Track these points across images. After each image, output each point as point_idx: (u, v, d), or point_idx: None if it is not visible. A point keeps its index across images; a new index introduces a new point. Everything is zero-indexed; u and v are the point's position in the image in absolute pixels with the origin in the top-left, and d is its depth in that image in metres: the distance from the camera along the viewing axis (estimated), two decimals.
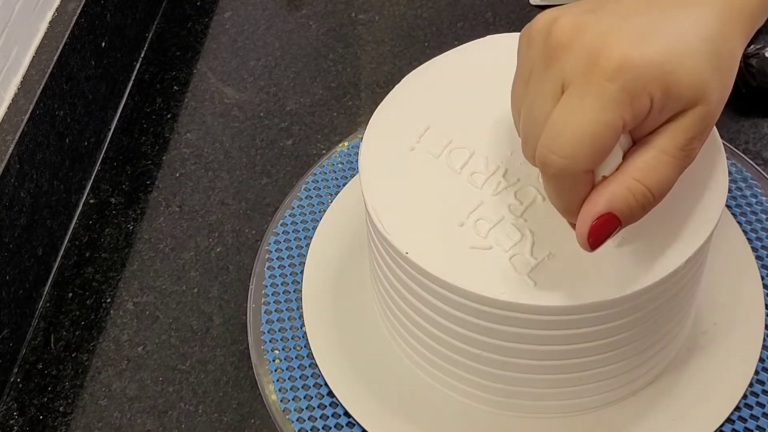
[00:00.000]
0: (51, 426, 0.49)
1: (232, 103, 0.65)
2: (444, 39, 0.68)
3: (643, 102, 0.33)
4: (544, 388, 0.42)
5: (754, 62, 0.58)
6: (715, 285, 0.48)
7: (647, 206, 0.35)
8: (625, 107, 0.33)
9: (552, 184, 0.36)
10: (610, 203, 0.35)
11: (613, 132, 0.33)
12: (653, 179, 0.35)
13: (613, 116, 0.33)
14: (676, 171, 0.35)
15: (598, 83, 0.33)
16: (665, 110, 0.34)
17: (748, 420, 0.44)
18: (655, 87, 0.33)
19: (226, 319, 0.53)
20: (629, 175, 0.35)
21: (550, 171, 0.34)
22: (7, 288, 0.51)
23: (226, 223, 0.58)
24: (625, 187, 0.35)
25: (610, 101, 0.33)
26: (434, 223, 0.40)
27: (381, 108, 0.46)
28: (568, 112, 0.34)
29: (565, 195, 0.36)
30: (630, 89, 0.33)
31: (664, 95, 0.33)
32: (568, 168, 0.34)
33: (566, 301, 0.37)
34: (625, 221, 0.35)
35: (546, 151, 0.34)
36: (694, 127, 0.34)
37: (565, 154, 0.34)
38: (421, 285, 0.40)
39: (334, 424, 0.45)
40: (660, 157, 0.35)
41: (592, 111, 0.33)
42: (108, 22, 0.65)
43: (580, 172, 0.34)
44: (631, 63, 0.33)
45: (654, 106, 0.34)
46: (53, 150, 0.57)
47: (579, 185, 0.35)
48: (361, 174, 0.43)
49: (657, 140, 0.35)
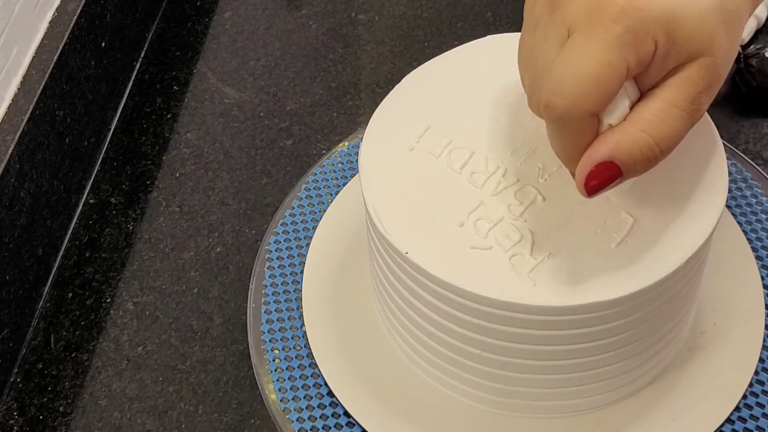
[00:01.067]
0: (51, 426, 0.49)
1: (232, 103, 0.65)
2: (444, 39, 0.68)
3: (647, 45, 0.33)
4: (543, 388, 0.42)
5: (754, 62, 0.58)
6: (715, 285, 0.48)
7: (652, 159, 0.35)
8: (629, 50, 0.33)
9: (556, 129, 0.35)
10: (613, 151, 0.34)
11: (618, 74, 0.33)
12: (660, 131, 0.34)
13: (617, 58, 0.33)
14: (684, 125, 0.35)
15: (603, 25, 0.33)
16: (670, 57, 0.34)
17: (748, 420, 0.44)
18: (660, 31, 0.33)
19: (226, 319, 0.53)
20: (636, 125, 0.34)
21: (554, 114, 0.34)
22: (7, 288, 0.51)
23: (226, 223, 0.58)
24: (631, 137, 0.34)
25: (614, 43, 0.33)
26: (434, 223, 0.40)
27: (381, 108, 0.46)
28: (572, 55, 0.33)
29: (568, 141, 0.35)
30: (634, 31, 0.33)
31: (668, 40, 0.33)
32: (572, 110, 0.34)
33: (566, 301, 0.37)
34: (626, 172, 0.35)
35: (550, 94, 0.34)
36: (702, 80, 0.34)
37: (569, 96, 0.33)
38: (421, 285, 0.40)
39: (334, 424, 0.45)
40: (668, 108, 0.34)
41: (596, 52, 0.33)
42: (108, 22, 0.65)
43: (584, 114, 0.34)
44: (635, 5, 0.33)
45: (658, 50, 0.33)
46: (53, 150, 0.57)
47: (583, 130, 0.35)
48: (361, 174, 0.43)
49: (664, 92, 0.34)
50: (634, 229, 0.39)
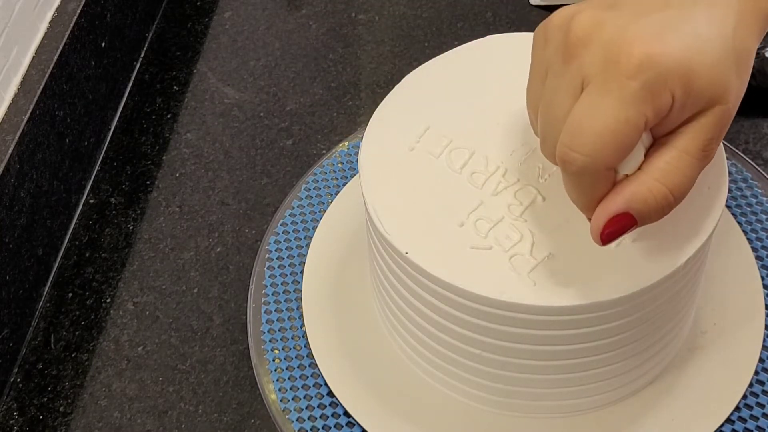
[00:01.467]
0: (51, 426, 0.49)
1: (232, 103, 0.65)
2: (444, 39, 0.68)
3: (664, 99, 0.33)
4: (544, 388, 0.42)
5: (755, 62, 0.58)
6: (715, 285, 0.48)
7: (666, 207, 0.35)
8: (646, 105, 0.33)
9: (573, 182, 0.36)
10: (629, 203, 0.35)
11: (635, 130, 0.33)
12: (674, 180, 0.34)
13: (635, 114, 0.33)
14: (696, 171, 0.35)
15: (620, 80, 0.33)
16: (686, 108, 0.34)
17: (748, 420, 0.44)
18: (677, 84, 0.33)
19: (226, 319, 0.53)
20: (650, 175, 0.34)
21: (572, 169, 0.34)
22: (7, 288, 0.51)
23: (226, 223, 0.58)
24: (646, 187, 0.34)
25: (631, 99, 0.33)
26: (434, 223, 0.40)
27: (381, 108, 0.46)
28: (589, 109, 0.33)
29: (585, 192, 0.36)
30: (651, 86, 0.33)
31: (685, 92, 0.33)
32: (590, 166, 0.34)
33: (566, 301, 0.37)
34: (641, 221, 0.35)
35: (567, 149, 0.34)
36: (714, 127, 0.34)
37: (587, 152, 0.33)
38: (421, 285, 0.40)
39: (334, 424, 0.45)
40: (681, 157, 0.34)
41: (613, 108, 0.33)
42: (108, 22, 0.65)
43: (602, 169, 0.34)
44: (652, 60, 0.32)
45: (675, 103, 0.33)
46: (53, 150, 0.57)
47: (600, 183, 0.35)
48: (361, 174, 0.43)
49: (678, 140, 0.35)
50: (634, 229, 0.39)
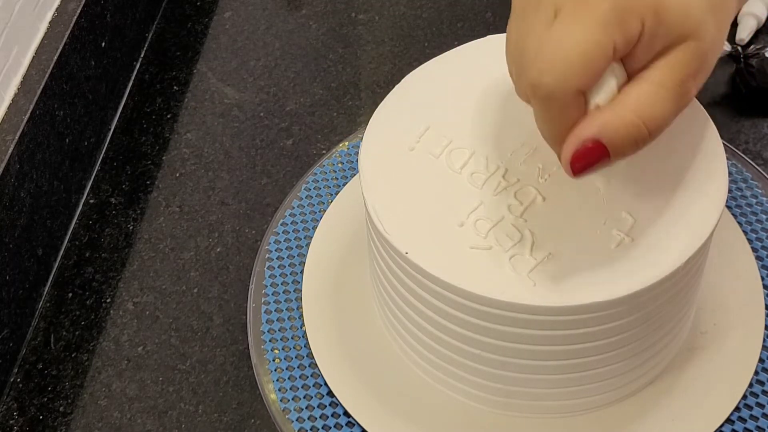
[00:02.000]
0: (51, 426, 0.49)
1: (232, 103, 0.65)
2: (444, 39, 0.68)
3: (634, 25, 0.33)
4: (543, 388, 0.42)
5: (754, 62, 0.58)
6: (715, 285, 0.48)
7: (640, 140, 0.34)
8: (615, 28, 0.33)
9: (543, 109, 0.35)
10: (601, 131, 0.34)
11: (605, 51, 0.33)
12: (649, 112, 0.34)
13: (603, 36, 0.33)
14: (673, 107, 0.35)
15: (589, 4, 0.33)
16: (657, 38, 0.34)
17: (748, 420, 0.44)
18: (647, 10, 0.33)
19: (226, 319, 0.53)
20: (624, 106, 0.34)
21: (541, 92, 0.34)
22: (7, 288, 0.51)
23: (226, 223, 0.58)
24: (620, 117, 0.34)
25: (601, 21, 0.33)
26: (434, 223, 0.40)
27: (381, 108, 0.46)
28: (559, 33, 0.34)
29: (555, 120, 0.35)
30: (621, 10, 0.33)
31: (655, 20, 0.33)
32: (559, 88, 0.34)
33: (566, 301, 0.37)
34: (614, 153, 0.34)
35: (537, 73, 0.34)
36: (690, 63, 0.34)
37: (555, 74, 0.33)
38: (421, 285, 0.40)
39: (334, 424, 0.45)
40: (657, 90, 0.34)
41: (582, 30, 0.33)
42: (108, 22, 0.65)
43: (572, 92, 0.34)
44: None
45: (645, 30, 0.34)
46: (53, 150, 0.57)
47: (570, 109, 0.34)
48: (361, 174, 0.43)
49: (652, 74, 0.34)
50: (634, 229, 0.39)
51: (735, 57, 0.59)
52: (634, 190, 0.40)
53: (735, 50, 0.59)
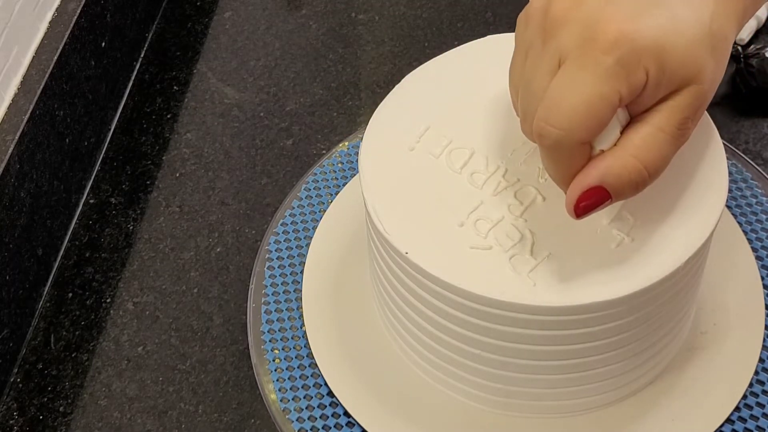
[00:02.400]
0: (51, 426, 0.49)
1: (232, 103, 0.65)
2: (444, 39, 0.68)
3: (638, 76, 0.34)
4: (543, 388, 0.42)
5: (754, 62, 0.58)
6: (715, 285, 0.48)
7: (640, 183, 0.35)
8: (621, 80, 0.33)
9: (548, 156, 0.36)
10: (603, 177, 0.35)
11: (609, 105, 0.34)
12: (649, 156, 0.35)
13: (609, 89, 0.33)
14: (671, 149, 0.36)
15: (595, 56, 0.33)
16: (661, 87, 0.35)
17: (748, 420, 0.44)
18: (651, 61, 0.34)
19: (226, 319, 0.53)
20: (626, 151, 0.35)
21: (547, 142, 0.35)
22: (7, 288, 0.51)
23: (226, 223, 0.58)
24: (621, 162, 0.35)
25: (606, 74, 0.33)
26: (434, 223, 0.40)
27: (381, 108, 0.46)
28: (564, 84, 0.34)
29: (561, 166, 0.36)
30: (626, 62, 0.33)
31: (659, 70, 0.34)
32: (564, 139, 0.34)
33: (566, 301, 0.37)
34: (615, 195, 0.36)
35: (543, 123, 0.35)
36: (690, 106, 0.35)
37: (561, 126, 0.34)
38: (421, 285, 0.40)
39: (334, 424, 0.45)
40: (656, 134, 0.35)
41: (588, 83, 0.34)
42: (108, 22, 0.65)
43: (576, 143, 0.35)
44: (627, 37, 0.33)
45: (650, 81, 0.34)
46: (53, 150, 0.57)
47: (575, 157, 0.36)
48: (361, 174, 0.43)
49: (653, 118, 0.35)
50: (634, 229, 0.39)
51: (735, 57, 0.59)
52: None
53: (735, 50, 0.59)
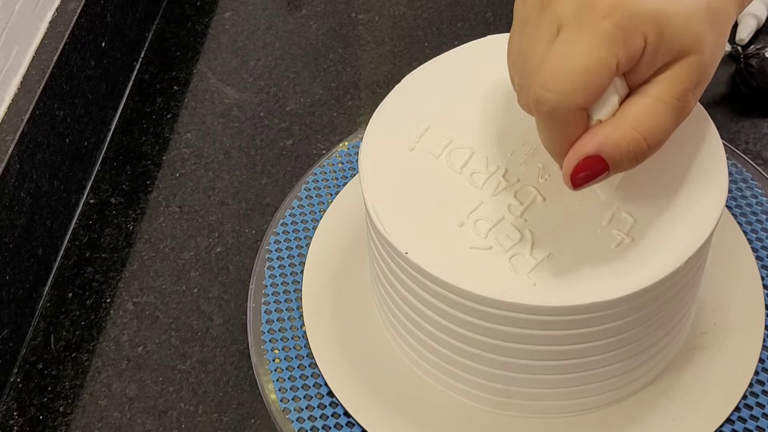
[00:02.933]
0: (51, 426, 0.49)
1: (232, 103, 0.65)
2: (444, 39, 0.68)
3: (636, 41, 0.33)
4: (543, 388, 0.42)
5: (754, 62, 0.58)
6: (715, 285, 0.48)
7: (639, 155, 0.35)
8: (618, 45, 0.33)
9: (545, 124, 0.35)
10: (601, 146, 0.35)
11: (607, 69, 0.33)
12: (648, 127, 0.34)
13: (606, 53, 0.33)
14: (672, 121, 0.35)
15: (593, 21, 0.33)
16: (659, 54, 0.34)
17: (748, 420, 0.44)
18: (649, 27, 0.33)
19: (226, 319, 0.53)
20: (624, 121, 0.35)
21: (544, 108, 0.34)
22: (7, 288, 0.51)
23: (226, 223, 0.58)
24: (619, 132, 0.34)
25: (604, 38, 0.33)
26: (434, 223, 0.40)
27: (381, 108, 0.46)
28: (562, 50, 0.34)
29: (557, 135, 0.36)
30: (624, 27, 0.33)
31: (657, 36, 0.34)
32: (561, 104, 0.34)
33: (566, 301, 0.37)
34: (613, 166, 0.35)
35: (539, 89, 0.34)
36: (689, 77, 0.35)
37: (558, 91, 0.34)
38: (421, 285, 0.40)
39: (334, 424, 0.45)
40: (656, 105, 0.35)
41: (585, 48, 0.33)
42: (108, 22, 0.65)
43: (573, 109, 0.34)
44: (625, 2, 0.33)
45: (648, 47, 0.34)
46: (53, 150, 0.57)
47: (572, 125, 0.35)
48: (361, 174, 0.43)
49: (653, 88, 0.35)
50: (634, 229, 0.39)
51: (735, 57, 0.59)
52: (634, 190, 0.40)
53: (735, 50, 0.59)
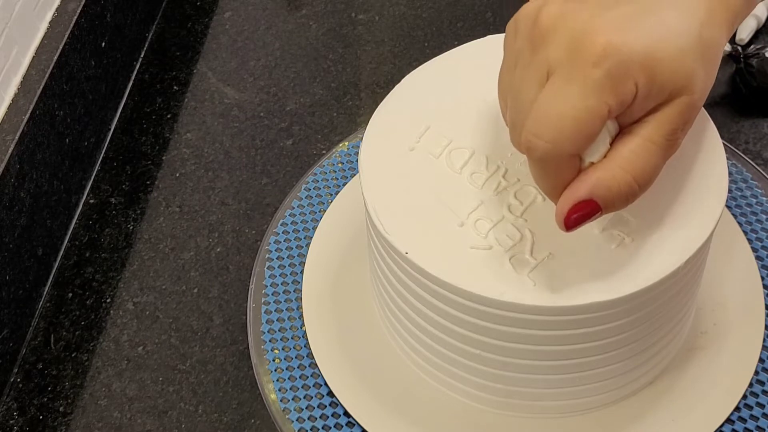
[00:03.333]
0: (51, 426, 0.49)
1: (232, 103, 0.65)
2: (444, 39, 0.68)
3: (627, 88, 0.33)
4: (543, 388, 0.42)
5: (754, 62, 0.58)
6: (715, 285, 0.48)
7: (630, 195, 0.35)
8: (609, 93, 0.33)
9: (538, 168, 0.36)
10: (593, 189, 0.35)
11: (598, 117, 0.34)
12: (639, 168, 0.35)
13: (597, 102, 0.33)
14: (661, 160, 0.35)
15: (583, 69, 0.33)
16: (650, 98, 0.34)
17: (748, 420, 0.44)
18: (640, 73, 0.33)
19: (226, 319, 0.53)
20: (615, 163, 0.35)
21: (535, 155, 0.35)
22: (7, 288, 0.51)
23: (226, 223, 0.58)
24: (611, 174, 0.35)
25: (594, 87, 0.33)
26: (434, 223, 0.40)
27: (381, 108, 0.46)
28: (552, 97, 0.34)
29: (550, 178, 0.36)
30: (614, 75, 0.33)
31: (648, 82, 0.34)
32: (552, 152, 0.34)
33: (566, 301, 0.37)
34: (606, 208, 0.35)
35: (531, 136, 0.34)
36: (679, 117, 0.35)
37: (550, 139, 0.34)
38: (421, 285, 0.40)
39: (334, 424, 0.45)
40: (646, 145, 0.35)
41: (576, 96, 0.33)
42: (108, 22, 0.65)
43: (565, 156, 0.35)
44: (615, 48, 0.33)
45: (639, 92, 0.34)
46: (53, 150, 0.57)
47: (564, 169, 0.35)
48: (361, 174, 0.43)
49: (643, 129, 0.35)
50: (634, 229, 0.39)
51: (735, 57, 0.59)
52: None
53: (735, 50, 0.59)
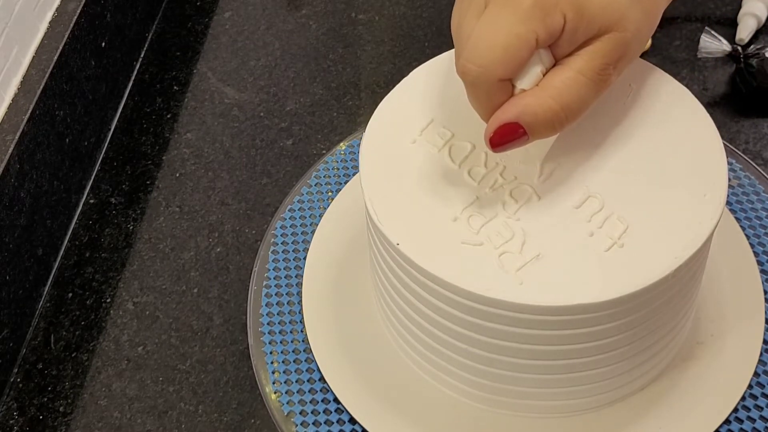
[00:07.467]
0: (51, 426, 0.49)
1: (232, 103, 0.65)
2: (444, 39, 0.68)
3: (556, 19, 0.36)
4: (530, 387, 0.42)
5: (754, 62, 0.58)
6: (715, 286, 0.48)
7: (556, 123, 0.37)
8: (537, 22, 0.36)
9: (472, 92, 0.38)
10: (520, 114, 0.37)
11: (526, 45, 0.36)
12: (566, 98, 0.37)
13: (525, 30, 0.36)
14: (590, 93, 0.37)
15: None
16: (580, 32, 0.37)
17: (745, 421, 0.44)
18: (568, 6, 0.36)
19: (226, 319, 0.53)
20: (545, 91, 0.37)
21: (468, 79, 0.37)
22: (7, 288, 0.51)
23: (226, 223, 0.58)
24: (538, 102, 0.37)
25: (523, 15, 0.36)
26: (428, 216, 0.40)
27: (381, 108, 0.46)
28: (486, 25, 0.37)
29: (482, 101, 0.38)
30: (543, 5, 0.36)
31: (576, 15, 0.36)
32: (483, 76, 0.37)
33: (550, 300, 0.37)
34: (531, 133, 0.38)
35: (464, 61, 0.37)
36: (610, 52, 0.37)
37: (481, 64, 0.36)
38: (411, 277, 0.40)
39: (336, 420, 0.45)
40: (575, 77, 0.37)
41: (506, 24, 0.36)
42: (108, 22, 0.65)
43: (494, 80, 0.37)
44: None
45: (567, 25, 0.36)
46: (53, 150, 0.57)
47: (495, 93, 0.38)
48: (361, 164, 0.43)
49: (574, 62, 0.37)
50: (632, 230, 0.39)
51: (735, 57, 0.59)
52: (633, 190, 0.40)
53: (735, 50, 0.59)
